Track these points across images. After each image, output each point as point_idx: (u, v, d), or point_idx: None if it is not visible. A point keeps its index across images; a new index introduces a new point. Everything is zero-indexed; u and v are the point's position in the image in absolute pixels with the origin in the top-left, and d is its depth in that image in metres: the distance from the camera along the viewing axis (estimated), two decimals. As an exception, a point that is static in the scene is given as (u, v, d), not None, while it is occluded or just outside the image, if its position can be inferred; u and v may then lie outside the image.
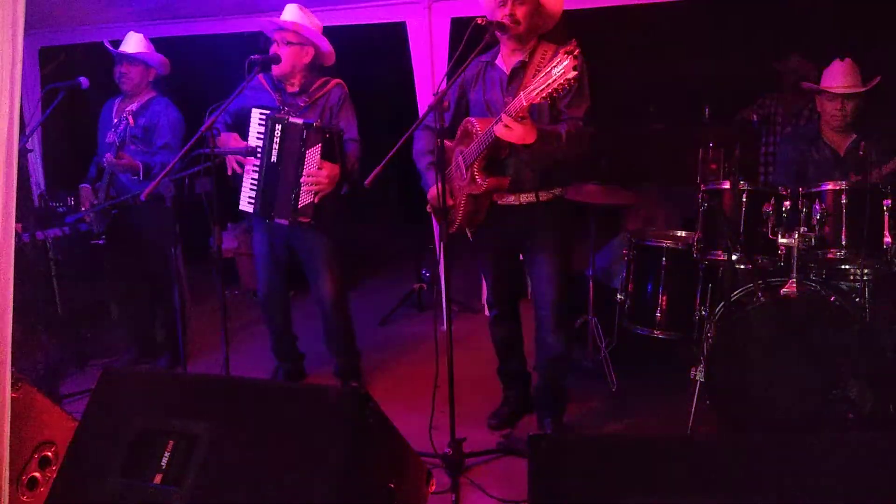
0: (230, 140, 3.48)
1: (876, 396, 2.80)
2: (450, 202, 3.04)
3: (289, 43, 3.45)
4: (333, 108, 3.56)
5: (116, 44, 3.93)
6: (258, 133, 3.48)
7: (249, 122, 3.50)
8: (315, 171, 3.37)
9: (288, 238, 3.64)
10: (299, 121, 3.39)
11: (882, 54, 3.72)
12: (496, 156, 2.84)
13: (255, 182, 3.52)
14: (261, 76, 3.56)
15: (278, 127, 3.42)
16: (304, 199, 3.41)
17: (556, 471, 1.73)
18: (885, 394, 2.80)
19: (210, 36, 5.00)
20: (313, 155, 3.39)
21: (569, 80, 2.42)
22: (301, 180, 3.38)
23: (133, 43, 3.91)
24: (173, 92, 4.15)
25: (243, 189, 3.57)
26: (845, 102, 3.37)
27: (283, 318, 3.82)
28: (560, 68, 2.42)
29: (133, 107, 3.90)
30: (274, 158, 3.45)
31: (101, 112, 4.10)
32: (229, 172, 3.52)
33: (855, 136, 3.44)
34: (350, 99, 3.62)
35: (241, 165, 3.48)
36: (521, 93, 2.56)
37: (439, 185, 2.72)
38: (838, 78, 3.38)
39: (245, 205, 3.57)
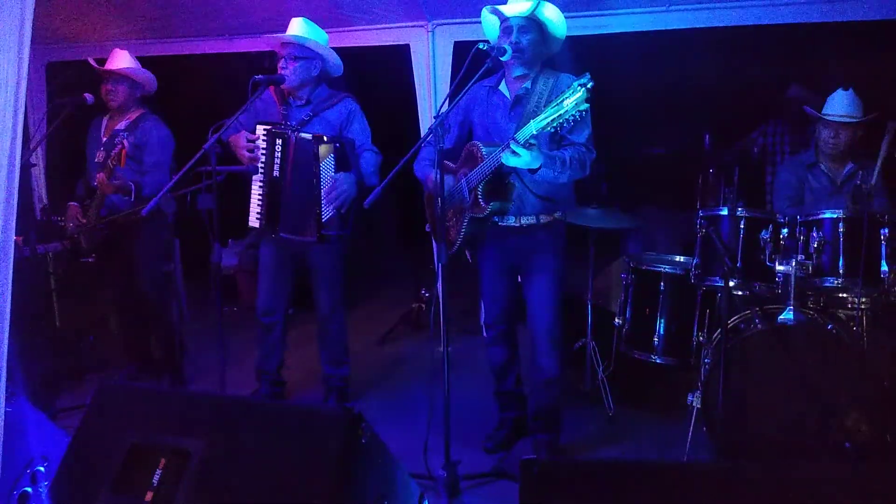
0: (240, 140, 3.50)
1: (873, 426, 2.79)
2: (450, 223, 3.05)
3: (295, 57, 3.48)
4: (343, 123, 3.57)
5: (102, 62, 3.95)
6: (262, 149, 3.50)
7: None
8: (334, 185, 3.39)
9: (300, 252, 3.64)
10: (308, 135, 3.39)
11: (885, 84, 3.74)
12: (500, 180, 2.86)
13: (261, 197, 3.54)
14: (272, 90, 3.59)
15: (278, 141, 3.44)
16: (328, 212, 3.42)
17: (547, 496, 1.72)
18: (882, 423, 2.79)
19: (216, 55, 5.06)
20: (328, 167, 3.40)
21: (581, 111, 2.46)
22: (323, 197, 3.39)
23: (118, 60, 3.92)
24: (177, 109, 4.18)
25: (251, 205, 3.58)
26: (839, 131, 3.40)
27: (277, 334, 3.78)
28: (573, 100, 2.46)
29: (122, 125, 3.92)
30: (276, 173, 3.46)
31: (89, 130, 4.09)
32: (245, 162, 3.53)
33: (852, 164, 3.46)
34: (361, 113, 3.62)
35: (252, 151, 3.47)
36: (532, 121, 2.59)
37: (439, 178, 2.72)
38: (838, 106, 3.41)
39: (254, 221, 3.59)
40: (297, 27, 3.51)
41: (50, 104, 3.83)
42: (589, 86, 2.46)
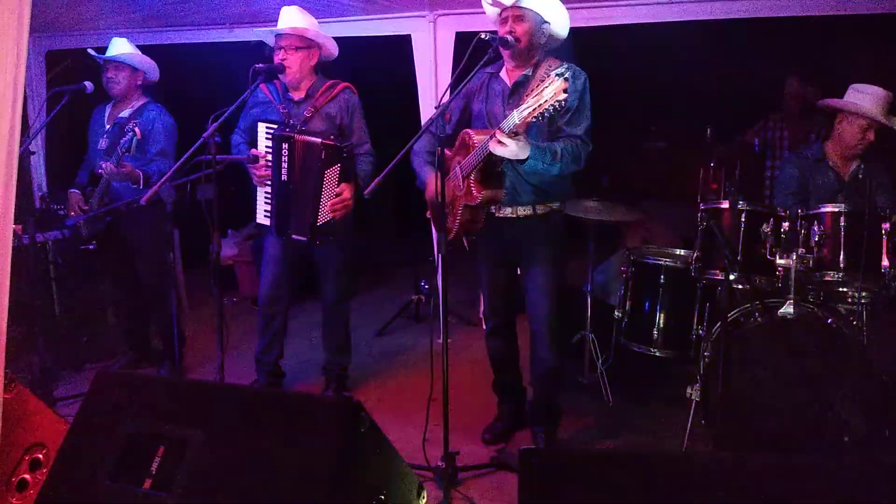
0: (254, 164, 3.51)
1: (871, 420, 2.79)
2: (447, 207, 3.04)
3: (297, 48, 3.45)
4: (343, 118, 3.55)
5: (103, 51, 3.93)
6: (266, 147, 3.49)
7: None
8: (341, 196, 3.40)
9: (305, 246, 3.63)
10: (317, 140, 3.36)
11: (886, 76, 3.71)
12: (492, 168, 2.85)
13: (269, 197, 3.54)
14: (264, 88, 3.56)
15: (285, 145, 3.42)
16: (324, 217, 3.42)
17: (546, 486, 1.73)
18: (881, 417, 2.79)
19: (217, 44, 5.03)
20: (332, 175, 3.39)
21: (559, 101, 2.43)
22: (327, 203, 3.39)
23: (118, 47, 3.91)
24: (177, 99, 4.15)
25: (258, 202, 3.59)
26: (868, 132, 3.33)
27: (279, 325, 3.78)
28: (551, 89, 2.42)
29: (126, 113, 3.90)
30: (284, 176, 3.45)
31: (92, 117, 4.07)
32: (256, 181, 3.55)
33: (859, 161, 3.44)
34: (360, 107, 3.62)
35: (265, 169, 3.49)
36: (515, 111, 2.57)
37: (439, 184, 2.72)
38: (879, 107, 3.29)
39: (261, 218, 3.59)
40: (295, 17, 3.47)
41: (49, 92, 3.80)
42: (566, 76, 2.42)
